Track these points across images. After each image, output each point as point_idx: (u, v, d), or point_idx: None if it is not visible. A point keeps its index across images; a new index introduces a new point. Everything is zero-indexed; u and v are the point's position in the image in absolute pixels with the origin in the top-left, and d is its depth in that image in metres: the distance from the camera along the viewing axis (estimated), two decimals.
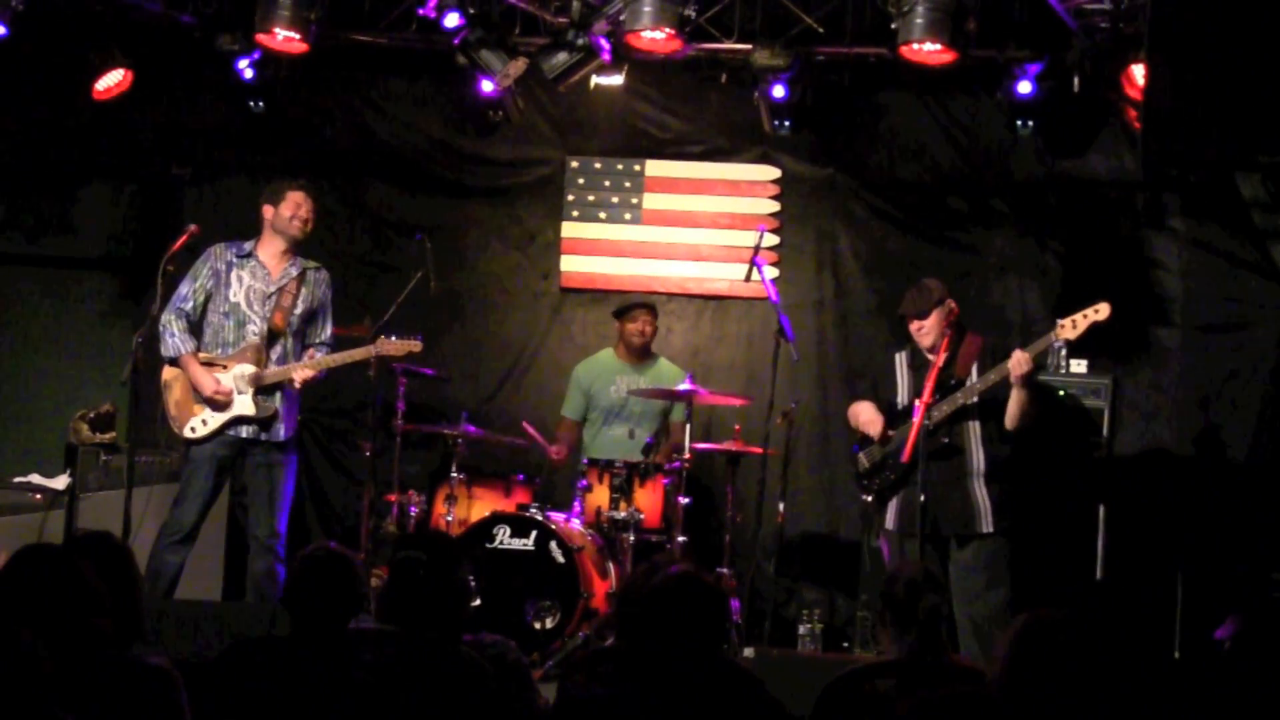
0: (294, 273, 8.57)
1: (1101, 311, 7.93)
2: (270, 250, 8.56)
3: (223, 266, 8.47)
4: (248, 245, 8.55)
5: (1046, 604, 4.62)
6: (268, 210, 8.57)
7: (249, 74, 9.61)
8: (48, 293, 10.53)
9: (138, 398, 8.22)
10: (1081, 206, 9.89)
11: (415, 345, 8.63)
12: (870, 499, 8.39)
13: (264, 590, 8.40)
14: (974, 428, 8.18)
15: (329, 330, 8.72)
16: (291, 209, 8.54)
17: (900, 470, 8.15)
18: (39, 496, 8.69)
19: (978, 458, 8.16)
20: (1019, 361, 7.89)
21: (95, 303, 10.54)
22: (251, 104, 9.88)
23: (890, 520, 8.30)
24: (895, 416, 8.27)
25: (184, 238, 8.30)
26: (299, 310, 8.55)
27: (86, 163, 10.46)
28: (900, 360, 8.46)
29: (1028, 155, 9.86)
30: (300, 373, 8.44)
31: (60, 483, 8.84)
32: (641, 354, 9.82)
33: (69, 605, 4.32)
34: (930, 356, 8.23)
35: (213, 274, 8.45)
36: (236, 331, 8.45)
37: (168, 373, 8.46)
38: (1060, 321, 8.04)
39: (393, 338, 8.59)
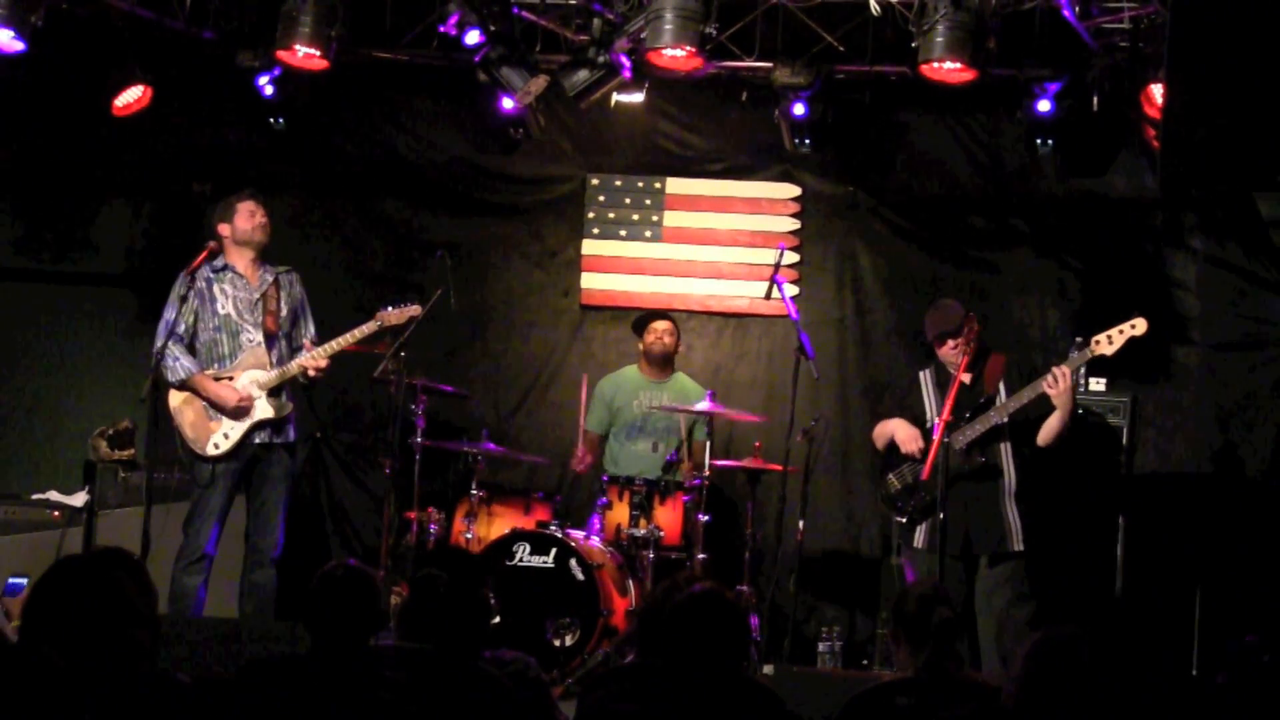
0: (269, 278, 8.68)
1: (1139, 327, 7.90)
2: (240, 262, 8.63)
3: (202, 285, 8.52)
4: (219, 261, 8.60)
5: (1064, 620, 4.66)
6: (224, 229, 8.63)
7: (269, 91, 9.64)
8: (68, 309, 10.58)
9: (156, 414, 8.27)
10: (1101, 225, 9.92)
11: (415, 310, 8.70)
12: (904, 520, 8.32)
13: (264, 602, 8.48)
14: (1006, 447, 8.15)
15: (312, 328, 8.81)
16: (247, 218, 8.62)
17: (936, 490, 8.05)
18: (57, 514, 8.74)
19: (1010, 477, 8.13)
20: (1059, 377, 7.88)
21: (115, 319, 10.56)
22: (272, 121, 9.92)
23: (920, 539, 8.20)
24: (926, 436, 8.23)
25: (203, 254, 8.38)
26: (284, 312, 8.67)
27: (107, 180, 10.52)
28: (926, 379, 8.44)
29: (1047, 174, 9.88)
30: (313, 361, 8.51)
31: (79, 499, 8.88)
32: (664, 367, 9.85)
33: (112, 617, 4.35)
34: (958, 375, 8.20)
35: (195, 294, 8.49)
36: (232, 342, 8.52)
37: (175, 398, 8.48)
38: (1096, 337, 7.98)
39: (389, 308, 8.68)
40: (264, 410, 8.48)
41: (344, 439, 10.61)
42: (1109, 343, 7.95)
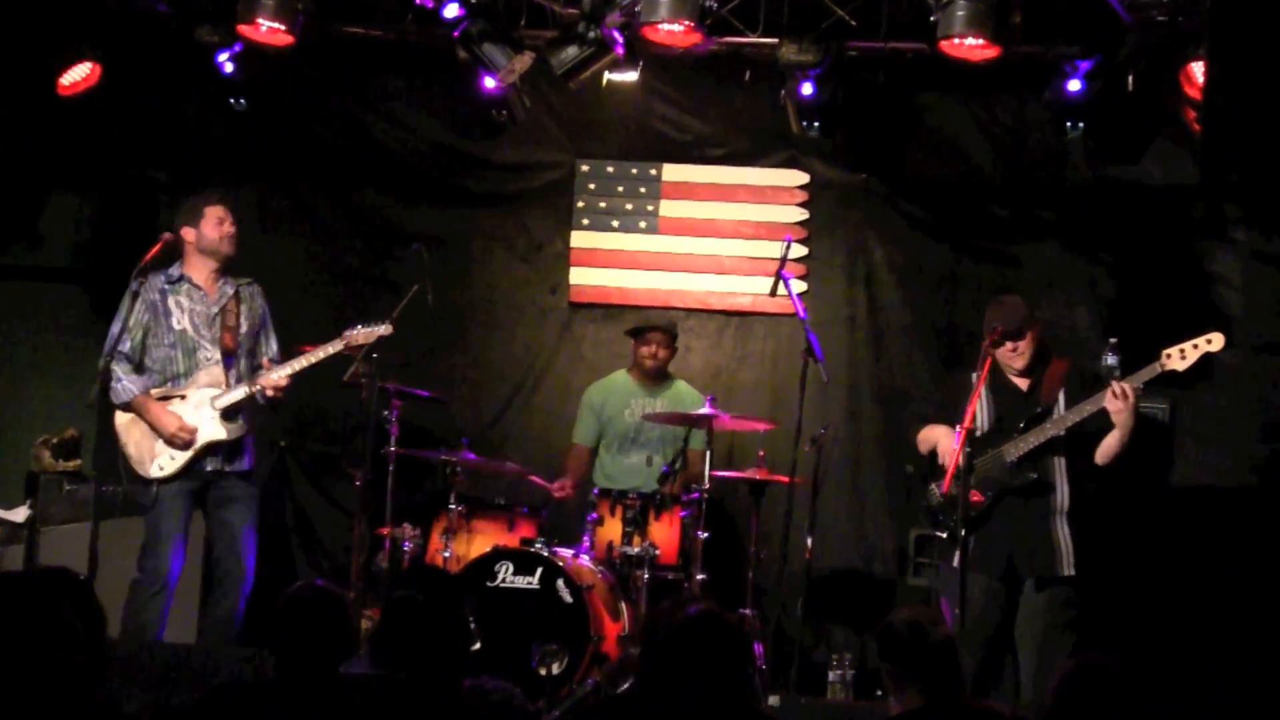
0: (229, 291, 8.62)
1: (1215, 342, 7.70)
2: (199, 271, 8.57)
3: (155, 297, 8.47)
4: (174, 270, 8.55)
5: (1099, 645, 4.64)
6: (188, 233, 8.55)
7: (230, 69, 9.58)
8: (9, 307, 10.50)
9: (106, 422, 8.25)
10: (1135, 216, 9.89)
11: (384, 329, 8.63)
12: (944, 535, 8.25)
13: (227, 630, 8.44)
14: (1061, 462, 8.02)
15: (274, 345, 8.79)
16: (214, 226, 8.56)
17: (981, 505, 8.00)
18: None
19: (1063, 494, 8.00)
20: (1123, 393, 7.78)
21: (61, 318, 10.50)
22: (233, 102, 9.86)
23: (956, 558, 8.10)
24: (976, 444, 8.07)
25: (157, 247, 8.23)
26: (244, 329, 8.62)
27: (52, 166, 10.43)
28: (976, 382, 8.32)
29: (1077, 160, 9.87)
30: (272, 381, 8.47)
31: (19, 514, 8.85)
32: (656, 376, 9.84)
33: (50, 641, 4.32)
34: (1016, 380, 8.13)
35: (147, 307, 8.42)
36: (188, 360, 8.48)
37: (121, 416, 8.42)
38: (1167, 351, 7.77)
39: (358, 326, 8.63)
40: (216, 432, 8.42)
41: (310, 448, 10.58)
42: (1181, 358, 7.75)
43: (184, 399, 8.39)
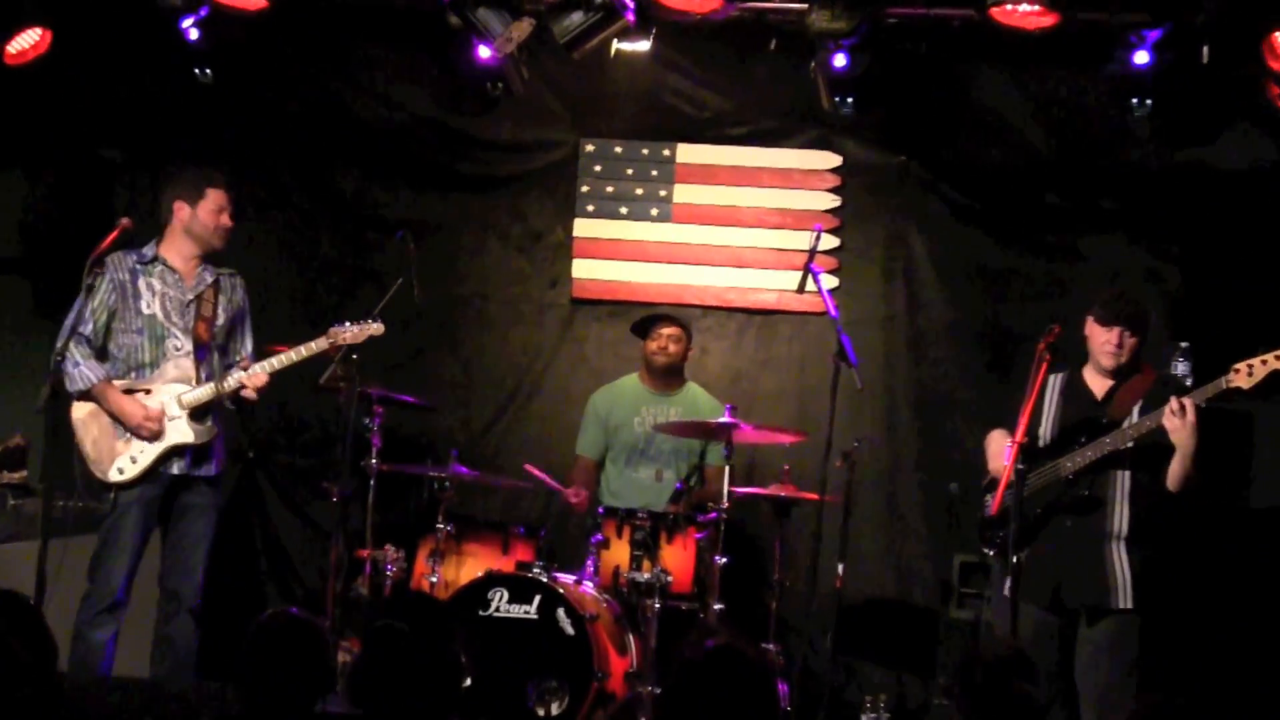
0: (209, 279, 8.60)
1: None
2: (179, 253, 8.54)
3: (125, 276, 8.44)
4: (148, 249, 8.53)
5: (1169, 684, 4.62)
6: (181, 209, 8.53)
7: (195, 35, 9.59)
8: None
9: (56, 429, 8.19)
10: (1208, 204, 9.88)
11: (375, 327, 8.63)
12: (992, 553, 8.21)
13: (181, 659, 8.41)
14: (1122, 480, 7.90)
15: (250, 343, 8.77)
16: (213, 213, 8.54)
17: (1030, 523, 7.91)
18: None
19: (1121, 516, 7.92)
20: (1180, 409, 7.70)
21: (5, 313, 10.48)
22: (198, 73, 9.86)
23: (1007, 585, 8.06)
24: (1035, 455, 7.95)
25: (114, 234, 8.15)
26: (220, 321, 8.60)
27: (2, 143, 10.47)
28: (1054, 386, 8.12)
29: (1143, 141, 9.85)
30: (250, 379, 8.46)
31: None
32: (669, 379, 9.83)
33: None
34: (1094, 383, 8.08)
35: (114, 287, 8.40)
36: (155, 349, 8.44)
37: (79, 410, 8.38)
38: (1235, 366, 7.64)
39: (346, 324, 8.61)
40: (182, 434, 8.39)
41: (281, 460, 10.62)
42: (1249, 374, 7.65)
43: (148, 394, 8.37)
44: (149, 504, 8.42)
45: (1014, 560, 7.61)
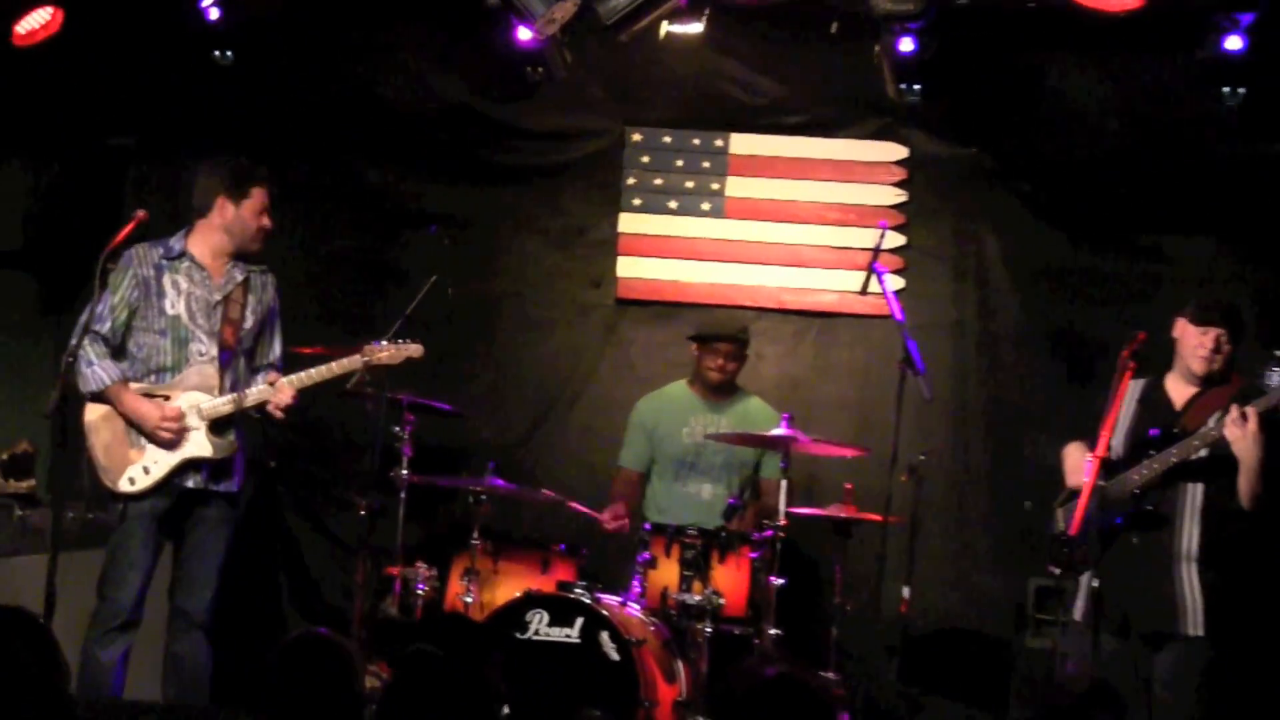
0: (239, 277, 8.54)
1: None
2: (209, 248, 8.49)
3: (150, 272, 8.40)
4: (175, 242, 8.49)
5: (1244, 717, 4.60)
6: (224, 205, 8.47)
7: (215, 15, 9.62)
8: None
9: (65, 435, 8.15)
10: None
11: (414, 349, 8.65)
12: (1059, 571, 8.16)
13: (192, 680, 8.40)
14: (1193, 494, 7.91)
15: (279, 347, 8.74)
16: (255, 214, 8.50)
17: (1098, 542, 7.87)
18: None
19: (1190, 535, 7.88)
20: (1241, 418, 7.68)
21: (9, 312, 10.48)
22: (217, 55, 9.90)
23: (1078, 609, 8.02)
24: (1108, 468, 7.95)
25: (129, 228, 8.15)
26: (248, 324, 8.56)
27: (4, 129, 10.44)
28: (1133, 393, 8.13)
29: (1234, 133, 9.80)
30: (278, 396, 8.44)
31: None
32: (721, 389, 9.83)
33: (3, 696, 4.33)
34: (1176, 391, 8.05)
35: (137, 283, 8.36)
36: (177, 352, 8.40)
37: (92, 412, 8.37)
38: None
39: (382, 342, 8.61)
40: (200, 447, 8.36)
41: (304, 470, 10.64)
42: None
43: (167, 400, 8.34)
44: (160, 517, 8.39)
45: (1094, 584, 7.59)
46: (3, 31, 9.50)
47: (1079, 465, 8.00)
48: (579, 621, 8.78)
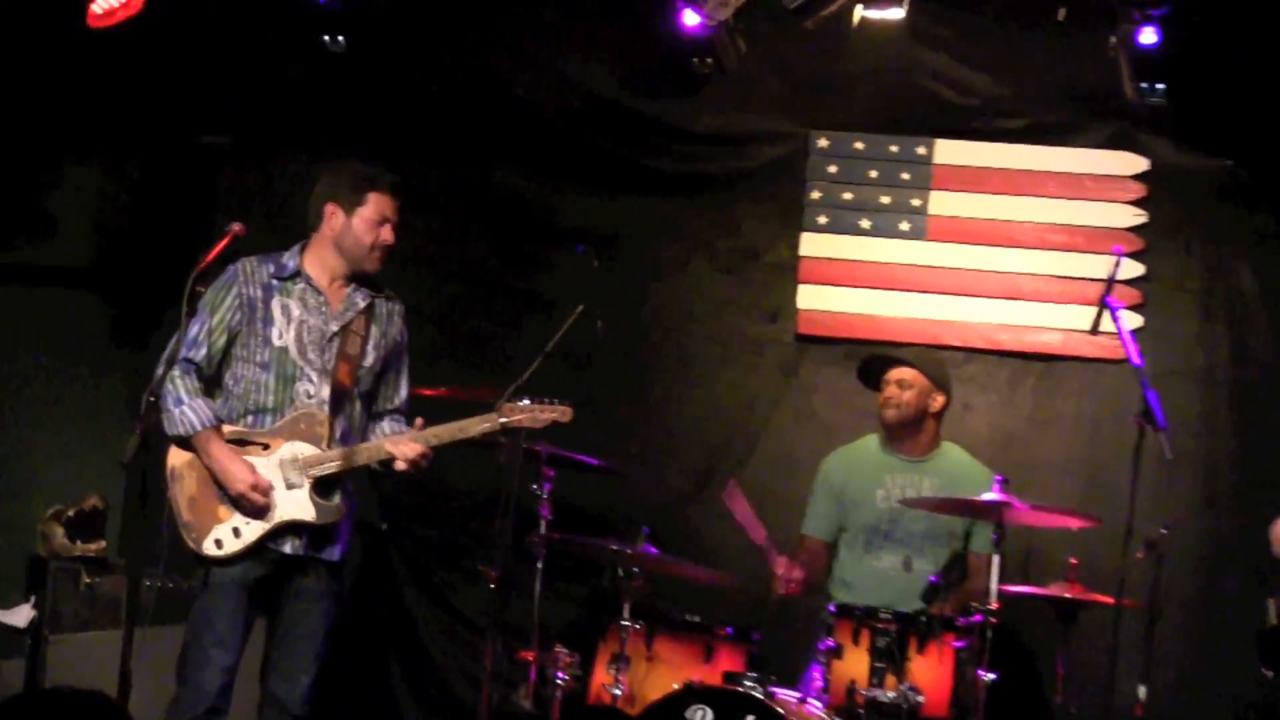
0: (360, 304, 8.42)
1: None
2: (324, 269, 8.38)
3: (257, 292, 8.30)
4: (289, 259, 8.38)
5: None
6: (334, 214, 8.35)
7: None
8: (8, 321, 10.52)
9: (145, 488, 8.18)
10: None
11: (562, 412, 8.55)
12: (1271, 675, 8.14)
13: None
14: None
15: (405, 391, 8.63)
16: (371, 225, 8.31)
17: None
18: None
19: None
20: None
21: (77, 340, 10.62)
22: (328, 40, 10.04)
23: None
24: None
25: (224, 242, 8.02)
26: (368, 361, 8.44)
27: (74, 124, 10.54)
28: None
29: None
30: (409, 451, 8.37)
31: (20, 616, 8.94)
32: (916, 439, 9.76)
33: None
34: None
35: (241, 304, 8.26)
36: (282, 391, 8.30)
37: (176, 457, 8.29)
38: None
39: (525, 400, 8.56)
40: (301, 509, 8.25)
41: (422, 534, 10.70)
42: None
43: (266, 449, 8.29)
44: (250, 587, 8.26)
45: None
46: (77, 10, 9.59)
47: None
48: None
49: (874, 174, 10.56)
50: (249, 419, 8.22)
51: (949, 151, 10.54)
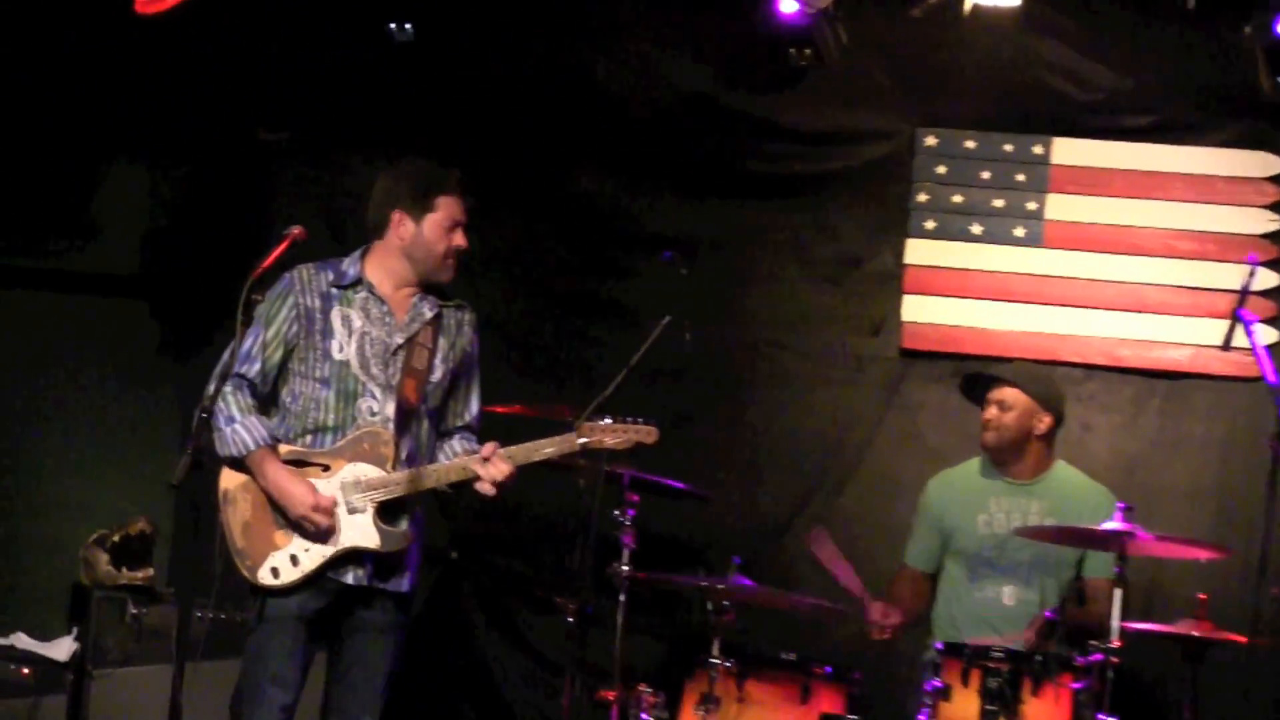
0: (427, 314, 8.29)
1: None
2: (389, 277, 8.26)
3: (315, 302, 8.17)
4: (349, 266, 8.26)
5: None
6: (402, 222, 8.22)
7: None
8: (46, 333, 10.67)
9: (197, 512, 8.18)
10: None
11: (647, 433, 8.48)
12: None
13: None
14: None
15: (475, 407, 8.51)
16: (442, 230, 8.17)
17: None
18: (26, 671, 8.81)
19: None
20: None
21: (123, 353, 10.67)
22: (393, 29, 10.05)
23: None
24: None
25: (282, 246, 7.98)
26: (436, 375, 8.33)
27: (118, 119, 10.59)
28: None
29: None
30: (495, 468, 8.23)
31: (61, 649, 8.95)
32: (1021, 461, 9.69)
33: None
34: None
35: (298, 315, 8.15)
36: (343, 409, 8.20)
37: (229, 479, 8.21)
38: None
39: (606, 419, 8.49)
40: (365, 536, 8.15)
41: (495, 563, 10.72)
42: None
43: (326, 471, 8.22)
44: (310, 619, 8.14)
45: None
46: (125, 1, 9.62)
47: None
48: None
49: (986, 175, 10.52)
50: (308, 438, 8.06)
51: (1068, 151, 10.50)
